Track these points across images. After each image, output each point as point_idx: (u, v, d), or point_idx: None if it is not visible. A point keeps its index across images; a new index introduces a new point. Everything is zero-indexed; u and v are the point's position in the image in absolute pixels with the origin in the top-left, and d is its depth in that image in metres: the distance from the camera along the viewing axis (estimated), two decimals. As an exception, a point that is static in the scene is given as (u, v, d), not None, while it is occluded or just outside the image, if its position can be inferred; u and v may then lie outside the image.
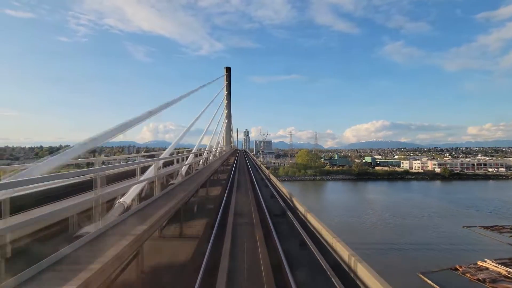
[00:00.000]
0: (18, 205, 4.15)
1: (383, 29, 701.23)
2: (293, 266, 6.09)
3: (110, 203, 5.87)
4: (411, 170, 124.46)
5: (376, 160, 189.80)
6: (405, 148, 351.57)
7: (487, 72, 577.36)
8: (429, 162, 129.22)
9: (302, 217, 10.18)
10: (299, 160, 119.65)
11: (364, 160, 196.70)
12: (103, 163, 9.28)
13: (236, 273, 5.59)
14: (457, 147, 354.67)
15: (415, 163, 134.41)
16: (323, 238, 7.55)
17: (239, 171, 27.53)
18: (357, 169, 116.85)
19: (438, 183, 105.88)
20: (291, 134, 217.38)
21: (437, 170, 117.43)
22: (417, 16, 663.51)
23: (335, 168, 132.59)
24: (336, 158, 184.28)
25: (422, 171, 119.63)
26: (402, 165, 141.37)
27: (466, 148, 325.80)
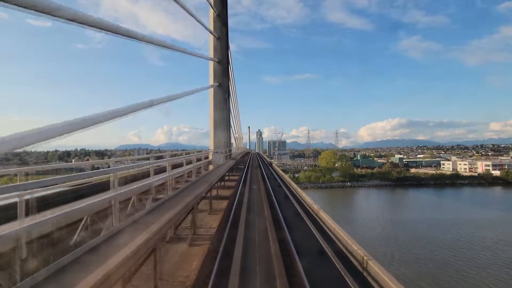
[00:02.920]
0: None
1: (399, 24, 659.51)
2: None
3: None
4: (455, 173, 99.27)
5: (404, 161, 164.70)
6: (425, 146, 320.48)
7: (510, 64, 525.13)
8: (478, 163, 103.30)
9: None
10: (323, 162, 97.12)
11: (390, 160, 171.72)
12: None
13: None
14: (482, 144, 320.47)
15: (459, 164, 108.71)
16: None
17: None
18: (395, 173, 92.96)
19: (501, 189, 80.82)
20: (308, 133, 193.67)
21: (495, 173, 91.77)
22: (434, 9, 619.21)
23: (359, 170, 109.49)
24: (359, 158, 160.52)
25: (476, 174, 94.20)
26: (442, 166, 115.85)
27: (493, 145, 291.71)
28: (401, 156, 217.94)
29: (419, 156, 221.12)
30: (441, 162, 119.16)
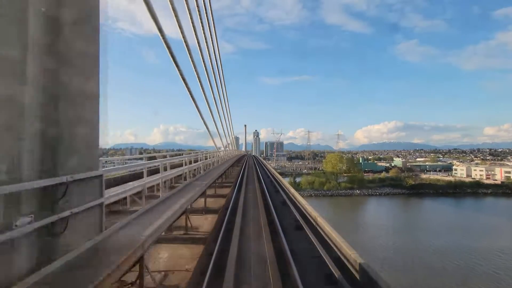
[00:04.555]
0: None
1: (397, 28, 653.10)
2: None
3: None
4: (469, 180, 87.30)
5: (408, 164, 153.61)
6: (422, 149, 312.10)
7: (506, 70, 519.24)
8: (497, 169, 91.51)
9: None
10: (328, 167, 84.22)
11: (393, 164, 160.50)
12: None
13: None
14: (479, 148, 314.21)
15: (474, 170, 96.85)
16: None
17: None
18: (410, 180, 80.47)
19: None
20: (308, 134, 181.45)
21: (520, 180, 79.97)
22: (432, 13, 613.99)
23: (365, 175, 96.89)
24: (360, 161, 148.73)
25: (498, 182, 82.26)
26: (455, 172, 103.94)
27: (490, 149, 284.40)
28: (400, 159, 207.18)
29: (418, 159, 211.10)
30: (454, 167, 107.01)
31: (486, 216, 52.05)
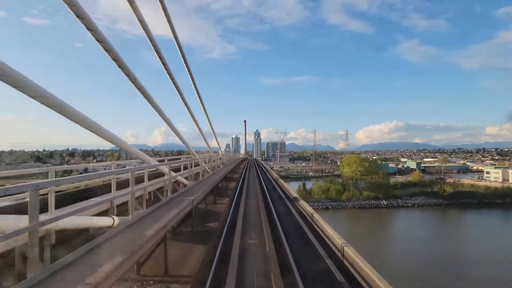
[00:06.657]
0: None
1: (398, 28, 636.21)
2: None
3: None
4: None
5: (422, 166, 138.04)
6: (425, 149, 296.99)
7: (508, 69, 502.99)
8: (541, 172, 75.42)
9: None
10: (347, 171, 67.97)
11: (406, 166, 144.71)
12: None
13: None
14: (483, 148, 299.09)
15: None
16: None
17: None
18: (447, 187, 64.24)
19: None
20: (314, 134, 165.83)
21: None
22: (434, 13, 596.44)
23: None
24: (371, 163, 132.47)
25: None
26: (487, 175, 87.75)
27: (496, 149, 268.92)
28: (406, 159, 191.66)
29: (425, 159, 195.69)
30: (485, 170, 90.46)
31: None
